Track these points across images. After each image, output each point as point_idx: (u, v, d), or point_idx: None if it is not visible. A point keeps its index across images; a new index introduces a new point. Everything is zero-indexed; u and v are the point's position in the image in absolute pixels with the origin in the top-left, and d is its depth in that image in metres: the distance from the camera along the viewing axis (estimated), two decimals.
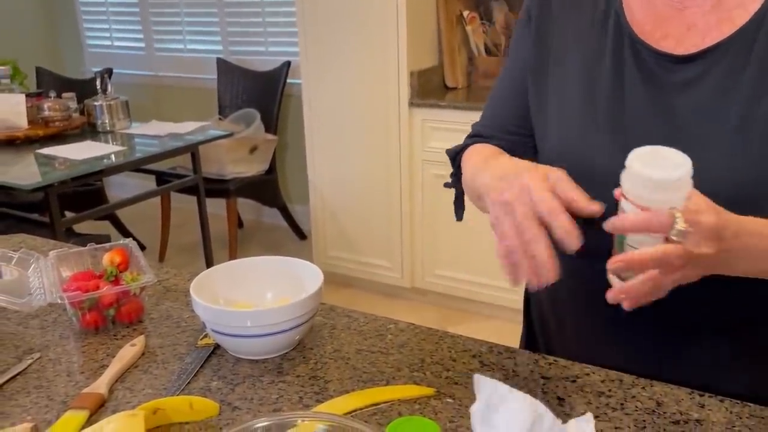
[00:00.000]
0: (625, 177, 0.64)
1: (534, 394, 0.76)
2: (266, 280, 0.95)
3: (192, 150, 2.87)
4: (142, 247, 3.64)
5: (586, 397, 0.77)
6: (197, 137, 2.87)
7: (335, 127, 2.89)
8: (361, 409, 0.76)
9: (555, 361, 0.84)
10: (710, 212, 0.64)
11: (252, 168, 3.36)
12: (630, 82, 0.80)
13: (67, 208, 3.29)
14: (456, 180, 0.97)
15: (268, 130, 3.41)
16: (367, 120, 2.79)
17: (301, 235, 3.68)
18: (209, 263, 3.11)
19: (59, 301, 0.91)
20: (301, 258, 0.95)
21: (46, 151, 2.63)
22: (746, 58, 0.74)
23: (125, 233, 3.55)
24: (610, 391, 0.77)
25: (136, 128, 2.99)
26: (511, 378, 0.81)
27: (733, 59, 0.74)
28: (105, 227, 3.48)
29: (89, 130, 2.94)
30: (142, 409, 0.72)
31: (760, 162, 0.72)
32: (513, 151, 0.89)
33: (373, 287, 3.04)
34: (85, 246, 1.07)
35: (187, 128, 2.94)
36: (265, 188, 3.54)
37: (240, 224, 3.82)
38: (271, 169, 3.51)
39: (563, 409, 0.74)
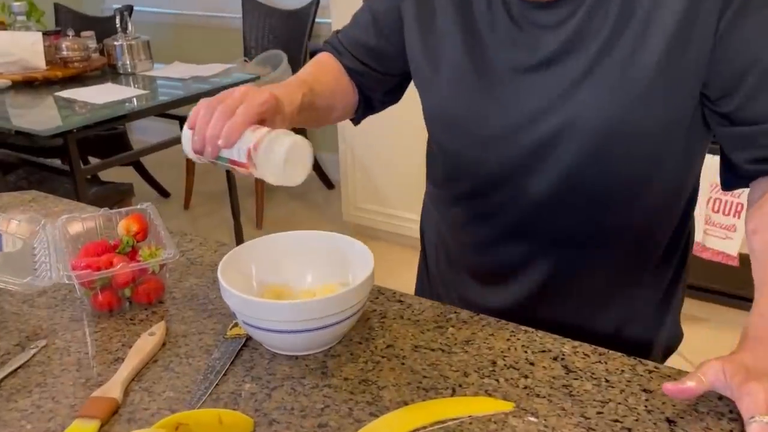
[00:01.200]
0: None
1: (633, 411, 0.62)
2: (306, 259, 0.81)
3: (217, 94, 2.71)
4: (167, 194, 3.54)
5: (703, 419, 0.62)
6: (222, 80, 2.70)
7: None
8: (425, 428, 0.62)
9: (656, 368, 0.70)
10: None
11: None
12: (499, 27, 0.79)
13: (89, 153, 3.18)
14: None
15: (295, 72, 3.23)
16: None
17: (329, 184, 3.53)
18: (235, 212, 2.99)
19: (66, 281, 0.78)
20: (329, 209, 0.80)
21: (66, 93, 2.49)
22: (598, 13, 0.73)
23: (149, 180, 3.44)
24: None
25: (159, 70, 2.84)
26: (604, 389, 0.67)
27: (594, 3, 0.73)
28: (128, 173, 3.37)
29: (110, 72, 2.79)
30: (161, 426, 0.60)
31: (615, 108, 0.73)
32: (359, 75, 0.93)
33: (402, 241, 2.90)
34: (104, 201, 0.94)
35: (211, 71, 2.78)
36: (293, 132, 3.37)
37: None
38: None
39: None
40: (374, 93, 0.97)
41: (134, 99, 2.50)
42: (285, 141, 0.67)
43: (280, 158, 0.66)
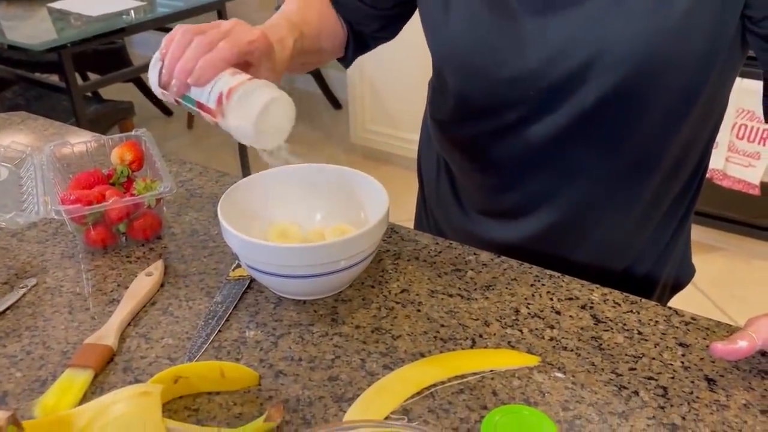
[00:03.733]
0: None
1: (671, 371, 0.57)
2: (315, 195, 0.74)
3: (218, 7, 2.58)
4: (169, 113, 3.44)
5: (745, 378, 0.57)
6: None
7: None
8: (443, 383, 0.58)
9: (694, 319, 0.64)
10: None
11: None
12: None
13: (87, 68, 3.06)
14: None
15: None
16: None
17: (336, 104, 3.42)
18: None
19: (55, 216, 0.72)
20: (336, 130, 0.73)
21: (59, 5, 2.36)
22: None
23: (151, 97, 3.34)
24: None
25: None
26: (637, 342, 0.62)
27: None
28: (129, 90, 3.26)
29: None
30: (159, 379, 0.55)
31: (647, 38, 0.65)
32: (349, 10, 0.83)
33: (413, 165, 2.83)
34: (101, 121, 0.87)
35: None
36: None
37: None
38: None
39: (716, 397, 0.56)
40: (366, 29, 0.86)
41: (131, 11, 2.37)
42: (264, 94, 0.58)
43: (254, 112, 0.57)
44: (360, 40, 0.88)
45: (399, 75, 2.64)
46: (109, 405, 0.52)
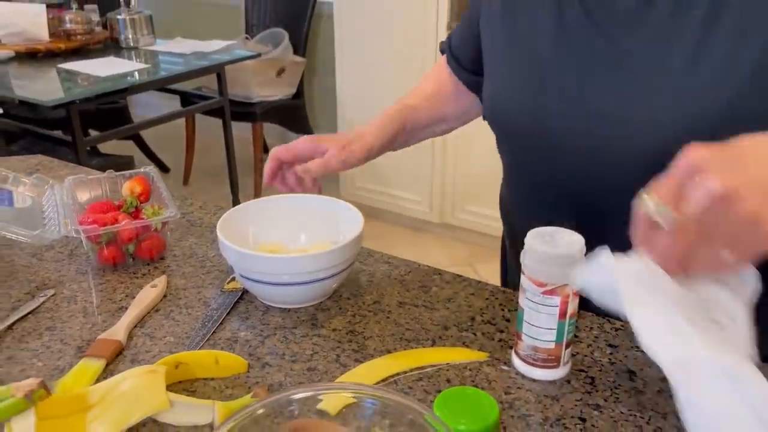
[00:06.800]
0: (523, 255, 0.64)
1: (599, 365, 0.67)
2: (300, 220, 0.86)
3: (218, 70, 2.75)
4: (166, 169, 3.58)
5: (660, 371, 0.67)
6: (223, 57, 2.74)
7: (367, 50, 2.73)
8: (405, 372, 0.67)
9: (623, 326, 0.75)
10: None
11: (279, 91, 3.22)
12: (571, 18, 0.71)
13: (90, 126, 3.21)
14: None
15: (296, 51, 3.26)
16: (401, 44, 2.63)
17: None
18: (234, 188, 3.04)
19: (74, 235, 0.83)
20: (328, 188, 0.85)
21: (68, 65, 2.53)
22: None
23: (149, 154, 3.48)
24: None
25: (161, 45, 2.87)
26: (573, 344, 0.72)
27: None
28: (129, 148, 3.41)
29: (112, 45, 2.83)
30: (163, 363, 0.65)
31: (708, 102, 0.63)
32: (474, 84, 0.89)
33: (401, 221, 2.95)
34: (104, 170, 0.98)
35: (212, 47, 2.81)
36: (292, 113, 3.41)
37: (265, 149, 3.72)
38: (299, 93, 3.37)
39: (634, 385, 0.66)
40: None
41: (136, 72, 2.54)
42: None
43: None
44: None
45: None
46: (120, 381, 0.62)
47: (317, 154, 0.81)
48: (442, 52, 0.97)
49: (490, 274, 1.67)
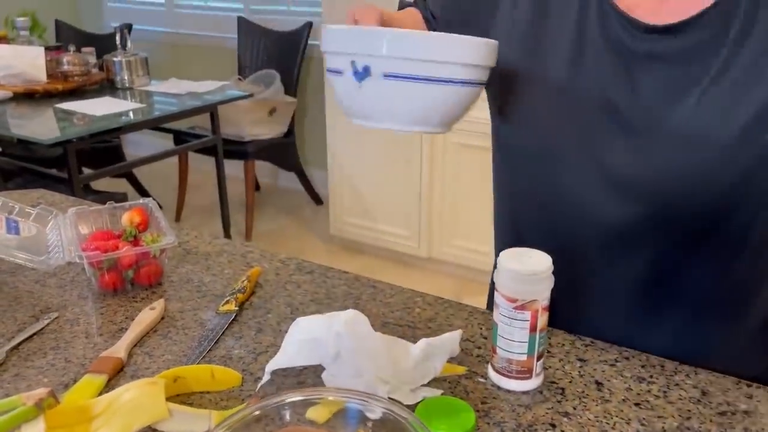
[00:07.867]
0: (496, 273, 0.70)
1: (569, 377, 0.73)
2: None
3: (211, 110, 2.83)
4: (159, 207, 3.63)
5: (626, 382, 0.73)
6: (216, 97, 2.82)
7: None
8: None
9: (592, 342, 0.80)
10: None
11: (270, 130, 3.31)
12: (592, 49, 0.73)
13: (84, 164, 3.27)
14: None
15: (287, 92, 3.36)
16: None
17: (318, 200, 3.64)
18: (226, 226, 3.09)
19: (77, 261, 0.88)
20: (317, 223, 0.90)
21: (65, 105, 2.60)
22: (720, 37, 0.67)
23: (142, 192, 3.54)
24: (651, 377, 0.73)
25: (155, 86, 2.95)
26: (546, 358, 0.77)
27: (707, 35, 0.67)
28: (122, 185, 3.46)
29: (108, 86, 2.91)
30: (162, 376, 0.69)
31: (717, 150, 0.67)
32: None
33: (390, 256, 3.01)
34: (103, 203, 1.04)
35: (206, 87, 2.90)
36: (283, 151, 3.49)
37: (257, 187, 3.79)
38: (290, 132, 3.46)
39: (602, 395, 0.71)
40: None
41: (130, 112, 2.61)
42: None
43: None
44: None
45: (375, 173, 2.88)
46: (122, 393, 0.66)
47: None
48: (408, 5, 0.92)
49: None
